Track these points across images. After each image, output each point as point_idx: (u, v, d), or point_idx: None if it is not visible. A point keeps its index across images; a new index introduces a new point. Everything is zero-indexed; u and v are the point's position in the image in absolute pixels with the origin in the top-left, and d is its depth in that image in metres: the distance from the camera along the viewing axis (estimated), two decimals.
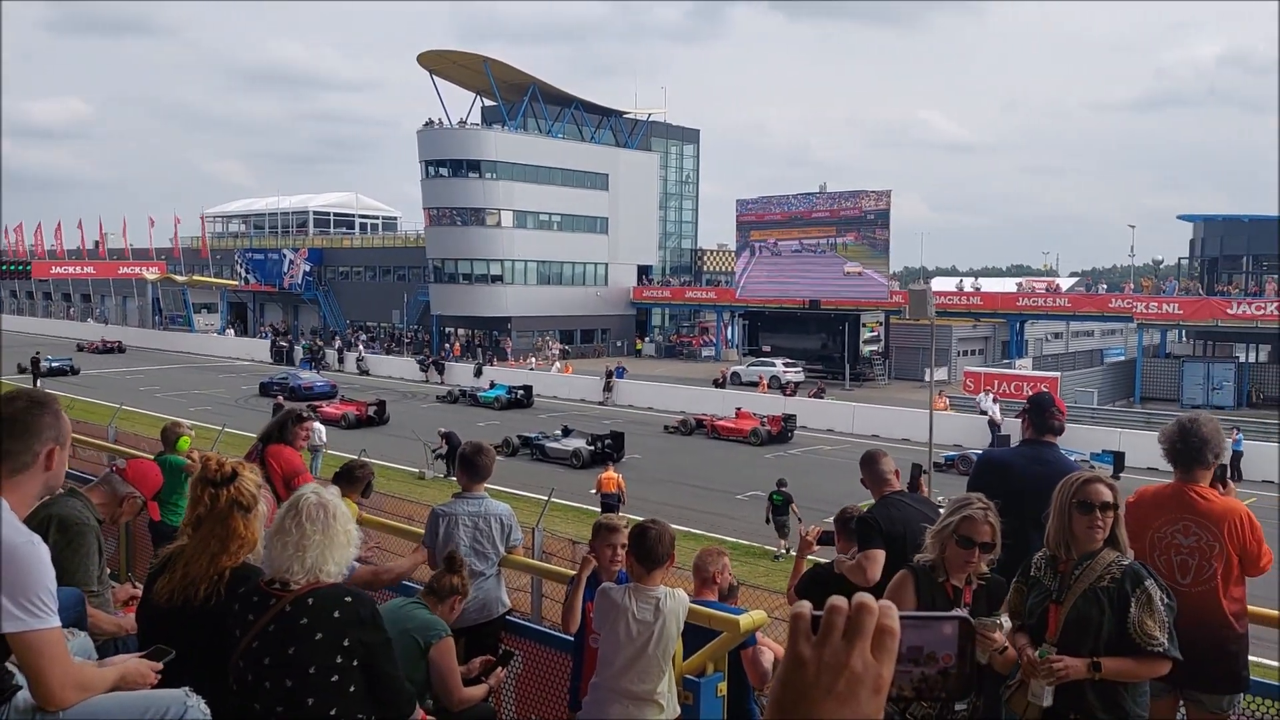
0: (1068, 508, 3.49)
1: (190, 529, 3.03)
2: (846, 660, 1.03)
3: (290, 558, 2.81)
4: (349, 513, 3.00)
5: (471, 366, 45.95)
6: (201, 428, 17.51)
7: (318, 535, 2.82)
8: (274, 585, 2.82)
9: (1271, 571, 4.11)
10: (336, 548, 2.86)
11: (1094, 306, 46.70)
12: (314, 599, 2.77)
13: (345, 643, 2.74)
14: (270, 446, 5.85)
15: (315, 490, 2.96)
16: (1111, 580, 3.36)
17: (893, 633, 1.05)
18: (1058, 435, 4.79)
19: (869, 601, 1.05)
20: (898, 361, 49.44)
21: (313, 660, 2.72)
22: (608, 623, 3.96)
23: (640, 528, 4.05)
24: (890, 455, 5.17)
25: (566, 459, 26.71)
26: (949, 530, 3.54)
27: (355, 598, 2.84)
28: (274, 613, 2.77)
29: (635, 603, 3.90)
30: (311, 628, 2.73)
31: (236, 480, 3.04)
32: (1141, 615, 3.30)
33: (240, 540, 3.00)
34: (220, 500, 3.00)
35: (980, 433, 30.56)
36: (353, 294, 66.45)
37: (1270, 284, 41.96)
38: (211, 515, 2.99)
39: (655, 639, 3.85)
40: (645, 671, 3.86)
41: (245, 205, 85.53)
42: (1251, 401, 39.68)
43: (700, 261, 70.44)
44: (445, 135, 57.04)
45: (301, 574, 2.80)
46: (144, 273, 68.79)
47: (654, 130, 66.75)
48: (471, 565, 5.03)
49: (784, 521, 18.16)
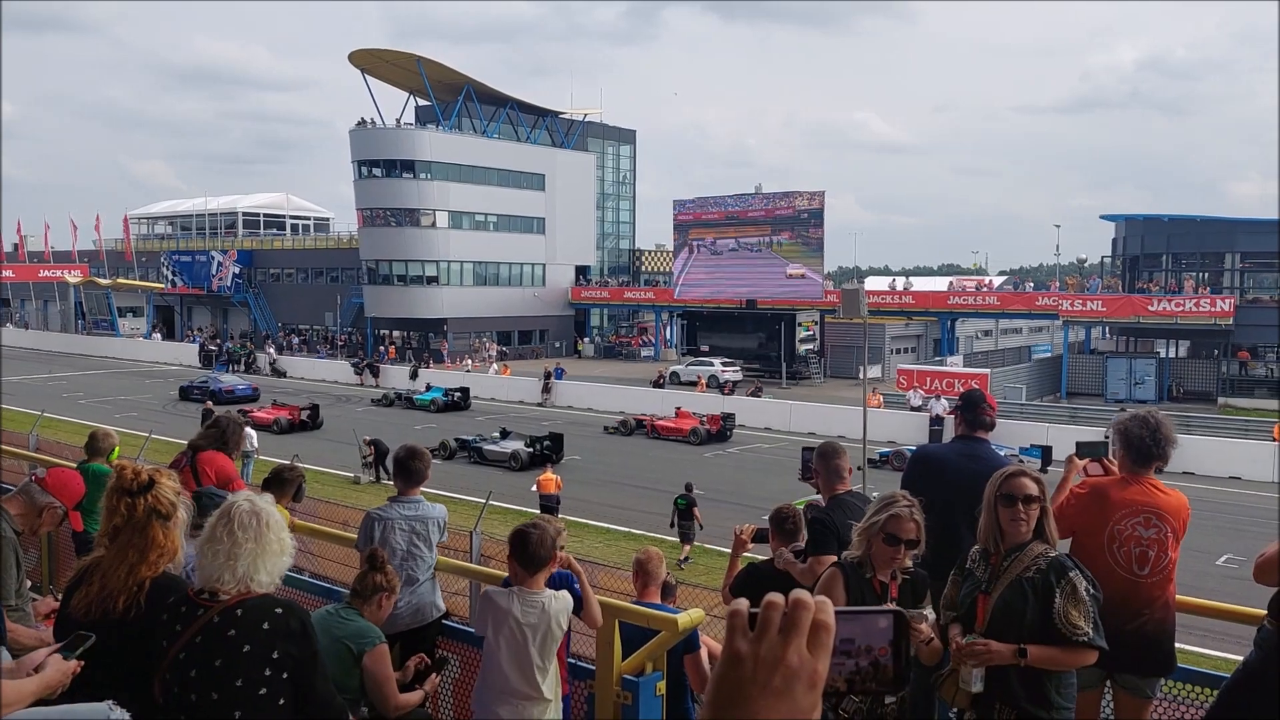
0: (994, 501, 3.57)
1: (107, 540, 2.94)
2: (783, 655, 1.03)
3: (221, 567, 2.74)
4: (283, 520, 2.93)
5: (406, 369, 45.43)
6: (127, 434, 17.04)
7: (250, 544, 2.76)
8: (203, 595, 2.75)
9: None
10: (269, 556, 2.79)
11: (1021, 304, 47.81)
12: (242, 610, 2.70)
13: (274, 655, 2.68)
14: (202, 453, 5.71)
15: (248, 497, 2.89)
16: (1037, 571, 3.45)
17: (828, 628, 1.05)
18: (989, 431, 4.88)
19: (805, 597, 1.05)
20: (833, 360, 50.10)
21: (240, 673, 2.66)
22: (491, 626, 3.96)
23: (521, 531, 4.05)
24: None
25: (505, 461, 26.54)
26: (876, 528, 3.62)
27: (285, 609, 2.77)
28: (201, 623, 2.70)
29: (519, 605, 3.91)
30: (239, 639, 2.67)
31: (154, 488, 2.95)
32: (1066, 605, 3.38)
33: (160, 550, 2.91)
34: (138, 509, 2.91)
35: (914, 429, 31.09)
36: (284, 296, 65.27)
37: (1189, 281, 43.36)
38: (129, 525, 2.91)
39: (540, 640, 3.89)
40: (530, 671, 3.88)
41: (172, 206, 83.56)
42: (1172, 395, 40.95)
43: (638, 262, 70.53)
44: (378, 135, 56.33)
45: (233, 583, 2.74)
46: (66, 276, 66.82)
47: (590, 131, 66.68)
48: (408, 570, 4.97)
49: (688, 527, 17.47)
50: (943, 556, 4.56)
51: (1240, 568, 15.43)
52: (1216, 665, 5.67)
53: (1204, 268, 45.23)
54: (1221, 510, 21.28)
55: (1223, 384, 41.09)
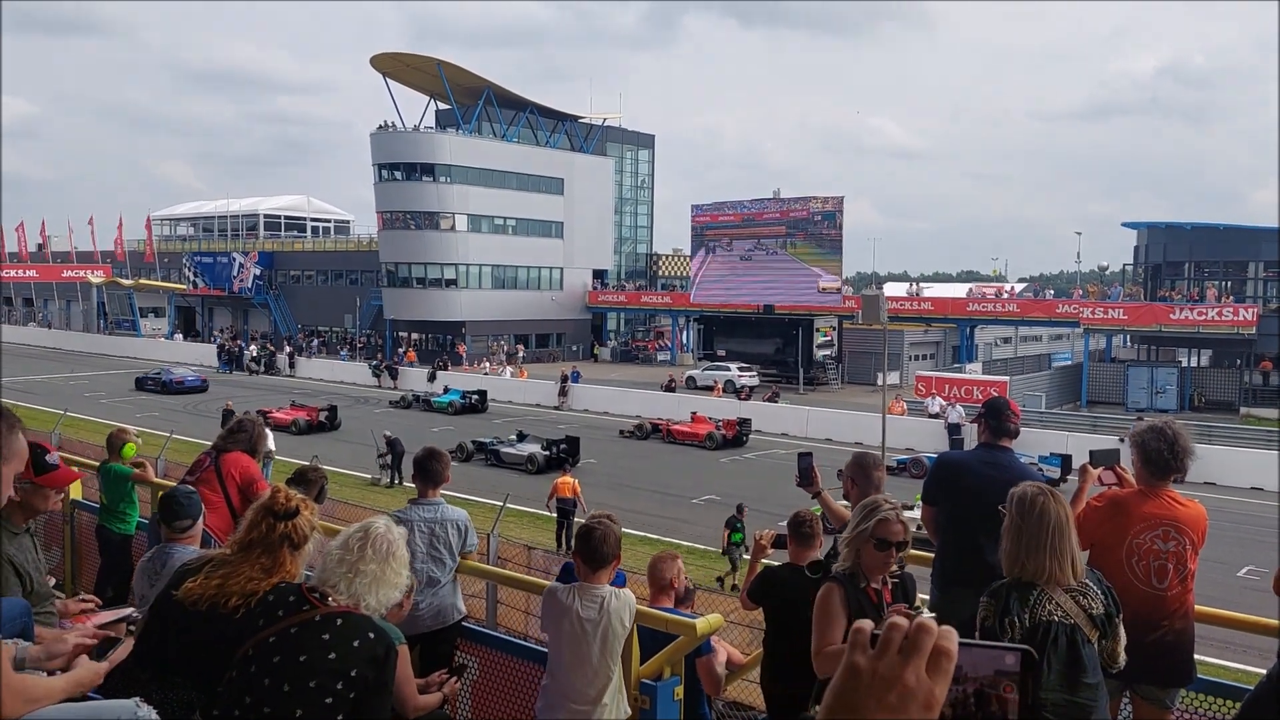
0: (868, 538, 3.56)
1: (238, 546, 3.04)
2: (901, 674, 1.07)
3: (341, 576, 2.87)
4: (407, 557, 3.06)
5: (424, 371, 45.61)
6: (148, 434, 17.21)
7: (374, 565, 2.90)
8: (314, 593, 2.84)
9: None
10: (385, 585, 2.93)
11: (1042, 312, 47.53)
12: (343, 620, 2.78)
13: (352, 673, 2.73)
14: (226, 454, 5.75)
15: (389, 524, 3.04)
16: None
17: (950, 655, 1.08)
18: (1013, 439, 4.85)
19: (929, 622, 1.09)
20: (851, 366, 49.91)
21: (316, 677, 2.70)
22: (553, 623, 3.97)
23: (586, 527, 4.05)
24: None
25: (522, 464, 26.59)
26: (865, 535, 3.55)
27: (378, 635, 2.83)
28: (303, 618, 2.77)
29: (580, 602, 3.91)
30: (329, 646, 2.73)
31: (296, 518, 3.07)
32: (1114, 646, 3.32)
33: (284, 572, 3.03)
34: (276, 531, 3.03)
35: (932, 436, 30.96)
36: (304, 298, 65.63)
37: (1211, 290, 43.02)
38: (263, 542, 3.02)
39: (600, 638, 3.86)
40: (592, 671, 3.86)
41: (194, 208, 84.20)
42: (1194, 405, 40.61)
43: (655, 266, 70.56)
44: (399, 138, 56.60)
45: (345, 595, 2.85)
46: (89, 276, 67.40)
47: (609, 135, 66.75)
48: (429, 571, 4.99)
49: (737, 555, 16.95)
50: (964, 565, 4.55)
51: (1262, 579, 15.29)
52: (1238, 678, 5.63)
53: (1227, 276, 44.92)
54: (1243, 521, 21.10)
55: (1245, 394, 40.70)
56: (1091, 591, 3.25)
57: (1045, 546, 3.19)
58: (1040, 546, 3.19)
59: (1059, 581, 3.21)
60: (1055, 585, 3.20)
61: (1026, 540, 3.21)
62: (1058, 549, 3.20)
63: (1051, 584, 3.20)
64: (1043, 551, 3.19)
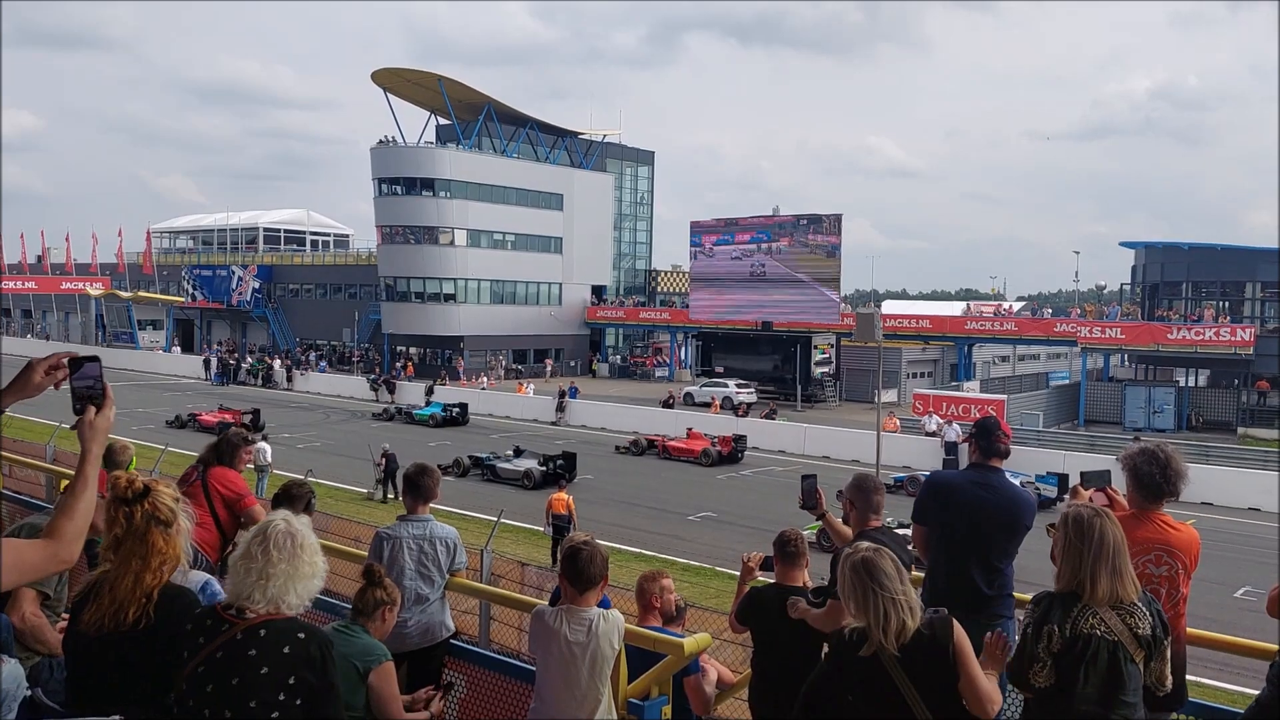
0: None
1: (111, 552, 2.94)
2: None
3: (252, 585, 2.76)
4: (316, 543, 2.94)
5: (421, 386, 45.59)
6: (144, 447, 17.14)
7: (283, 564, 2.78)
8: (230, 611, 2.76)
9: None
10: (301, 579, 2.81)
11: (1039, 331, 47.61)
12: (266, 630, 2.71)
13: (290, 680, 2.68)
14: (213, 469, 5.75)
15: (285, 518, 2.91)
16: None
17: None
18: (1003, 459, 4.84)
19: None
20: (849, 383, 49.93)
21: (255, 694, 2.65)
22: (541, 646, 3.92)
23: (572, 548, 3.99)
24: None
25: (518, 479, 26.53)
26: None
27: (308, 635, 2.77)
28: (224, 639, 2.71)
29: (568, 625, 3.86)
30: (258, 660, 2.67)
31: (150, 495, 2.96)
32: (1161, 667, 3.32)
33: (162, 556, 2.91)
34: (136, 517, 2.92)
35: (929, 454, 30.91)
36: (303, 312, 65.69)
37: (1209, 310, 43.07)
38: (130, 534, 2.91)
39: (589, 661, 3.82)
40: (580, 695, 3.82)
41: (194, 221, 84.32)
42: (1191, 425, 40.63)
43: (654, 282, 70.67)
44: (399, 153, 56.79)
45: (263, 603, 2.75)
46: (87, 288, 67.43)
47: (609, 152, 66.98)
48: (417, 589, 4.96)
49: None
50: (954, 585, 4.53)
51: (1259, 600, 15.24)
52: (1232, 700, 5.60)
53: (1224, 296, 44.98)
54: (1240, 542, 21.05)
55: (1242, 414, 40.71)
56: (1139, 611, 3.27)
57: (1107, 566, 3.24)
58: (1103, 566, 3.24)
59: (1120, 598, 3.24)
60: (1103, 602, 3.23)
61: (1090, 560, 3.25)
62: (1119, 568, 3.25)
63: (1099, 600, 3.23)
64: (1105, 570, 3.24)
